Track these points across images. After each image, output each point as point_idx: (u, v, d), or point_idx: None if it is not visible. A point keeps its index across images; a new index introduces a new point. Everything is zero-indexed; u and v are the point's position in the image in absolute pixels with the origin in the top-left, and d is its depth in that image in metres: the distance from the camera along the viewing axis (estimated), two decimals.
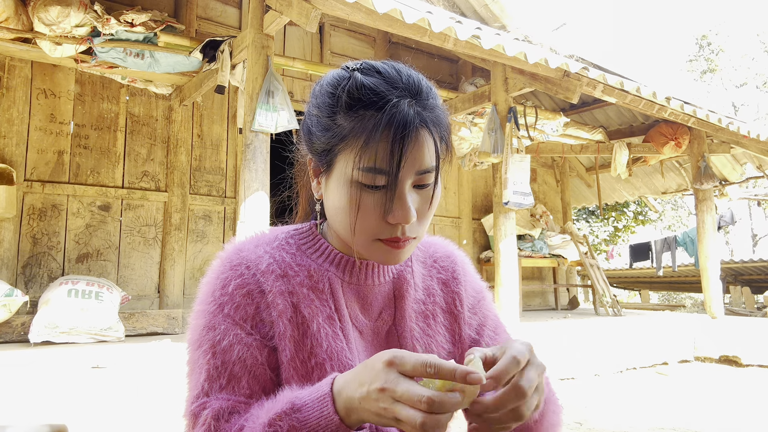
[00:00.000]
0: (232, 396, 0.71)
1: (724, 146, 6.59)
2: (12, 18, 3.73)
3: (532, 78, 4.72)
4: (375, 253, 0.76)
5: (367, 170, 0.70)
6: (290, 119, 3.61)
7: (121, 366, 2.83)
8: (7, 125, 4.37)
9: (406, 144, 0.69)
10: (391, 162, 0.69)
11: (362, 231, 0.74)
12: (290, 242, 0.84)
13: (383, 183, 0.71)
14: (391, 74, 0.73)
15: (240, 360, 0.73)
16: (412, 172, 0.72)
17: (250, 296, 0.76)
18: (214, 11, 5.49)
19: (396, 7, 3.20)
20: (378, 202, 0.72)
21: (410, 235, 0.74)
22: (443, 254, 0.95)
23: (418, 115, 0.71)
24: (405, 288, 0.87)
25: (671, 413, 3.56)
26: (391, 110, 0.69)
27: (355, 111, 0.72)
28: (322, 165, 0.77)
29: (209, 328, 0.75)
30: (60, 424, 0.47)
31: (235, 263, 0.79)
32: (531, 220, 7.29)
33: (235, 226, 4.86)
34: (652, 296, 15.72)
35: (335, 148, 0.74)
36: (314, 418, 0.61)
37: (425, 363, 0.56)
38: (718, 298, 6.10)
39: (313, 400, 0.63)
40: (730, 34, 20.53)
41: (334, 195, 0.75)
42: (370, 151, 0.70)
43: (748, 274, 10.88)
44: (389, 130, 0.69)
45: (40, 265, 4.46)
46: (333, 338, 0.77)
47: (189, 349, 0.78)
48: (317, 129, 0.77)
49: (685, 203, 18.04)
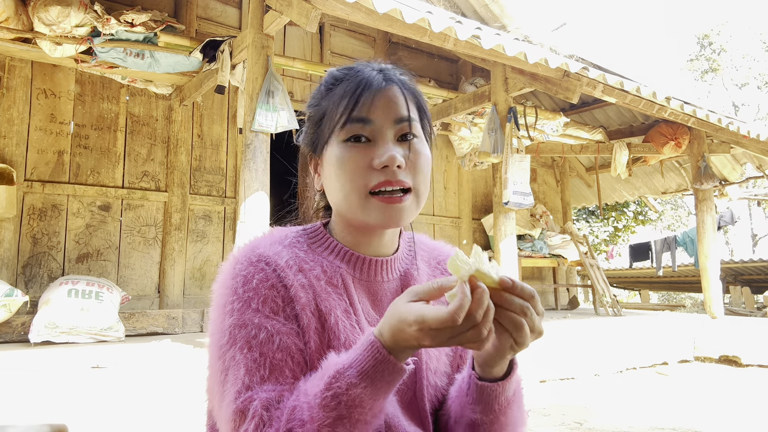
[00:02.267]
0: (276, 386, 0.70)
1: (724, 146, 6.59)
2: (12, 18, 3.73)
3: (532, 78, 4.72)
4: (372, 212, 0.78)
5: (342, 124, 0.78)
6: (290, 119, 3.61)
7: (121, 366, 2.83)
8: (7, 125, 4.37)
9: (369, 92, 0.78)
10: (355, 106, 0.77)
11: (354, 188, 0.77)
12: (301, 240, 0.85)
13: (363, 132, 0.78)
14: (361, 64, 0.85)
15: (280, 348, 0.72)
16: (389, 121, 0.79)
17: (275, 289, 0.76)
18: (214, 11, 5.49)
19: (396, 7, 3.20)
20: (362, 152, 0.78)
21: (402, 179, 0.77)
22: (446, 258, 0.98)
23: (382, 74, 0.81)
24: (412, 285, 0.88)
25: (671, 413, 3.56)
26: (358, 76, 0.81)
27: (330, 90, 0.83)
28: (317, 152, 0.84)
29: (240, 326, 0.73)
30: (60, 424, 0.47)
31: (254, 260, 0.78)
32: (531, 220, 7.29)
33: (235, 226, 4.86)
34: (652, 296, 15.72)
35: (321, 128, 0.83)
36: (370, 365, 0.63)
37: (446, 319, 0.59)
38: (718, 298, 6.10)
39: (362, 352, 0.64)
40: (731, 34, 20.52)
41: (328, 171, 0.81)
42: (342, 107, 0.78)
43: (748, 274, 10.89)
44: (354, 86, 0.79)
45: (40, 265, 4.46)
46: (351, 331, 0.79)
47: (216, 353, 0.75)
48: (308, 123, 0.88)
49: (685, 203, 18.04)
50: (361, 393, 0.63)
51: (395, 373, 0.64)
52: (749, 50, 20.53)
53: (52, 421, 0.48)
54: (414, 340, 0.61)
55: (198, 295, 5.16)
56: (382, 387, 0.64)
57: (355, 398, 0.63)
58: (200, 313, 4.57)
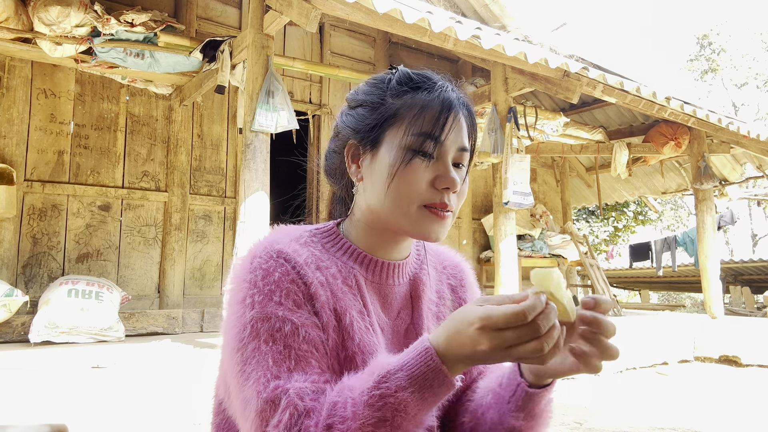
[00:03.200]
0: (306, 376, 0.68)
1: (724, 146, 6.58)
2: (12, 18, 3.73)
3: (532, 78, 4.72)
4: (420, 222, 0.79)
5: (417, 135, 0.79)
6: (290, 119, 3.61)
7: (121, 366, 2.83)
8: (7, 125, 4.37)
9: (452, 116, 0.81)
10: (439, 127, 0.79)
11: (408, 196, 0.78)
12: (314, 240, 0.85)
13: (431, 149, 0.79)
14: (429, 72, 0.86)
15: (306, 340, 0.71)
16: (455, 147, 0.81)
17: (296, 284, 0.76)
18: (214, 11, 5.49)
19: (396, 7, 3.20)
20: (426, 167, 0.79)
21: (452, 203, 0.81)
22: (452, 263, 1.01)
23: (459, 98, 0.84)
24: (421, 289, 0.91)
25: (671, 413, 3.56)
26: (439, 90, 0.82)
27: (405, 89, 0.83)
28: (368, 144, 0.83)
29: (263, 319, 0.71)
30: (60, 424, 0.47)
31: (274, 255, 0.77)
32: (531, 220, 7.29)
33: (235, 226, 4.86)
34: (652, 296, 15.72)
35: (384, 123, 0.82)
36: (421, 372, 0.62)
37: (513, 314, 0.58)
38: (718, 298, 6.10)
39: (415, 357, 0.63)
40: (731, 34, 20.51)
41: (381, 165, 0.81)
42: (421, 119, 0.79)
43: (748, 274, 10.89)
44: (439, 104, 0.80)
45: (40, 265, 4.46)
46: (365, 332, 0.79)
47: (236, 347, 0.71)
48: (364, 112, 0.85)
49: (685, 203, 18.04)
50: (408, 398, 0.61)
51: (444, 385, 0.62)
52: (749, 50, 20.53)
53: (52, 421, 0.48)
54: (470, 344, 0.60)
55: (198, 295, 5.16)
56: (429, 397, 0.62)
57: (401, 401, 0.61)
58: (200, 313, 4.57)
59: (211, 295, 5.23)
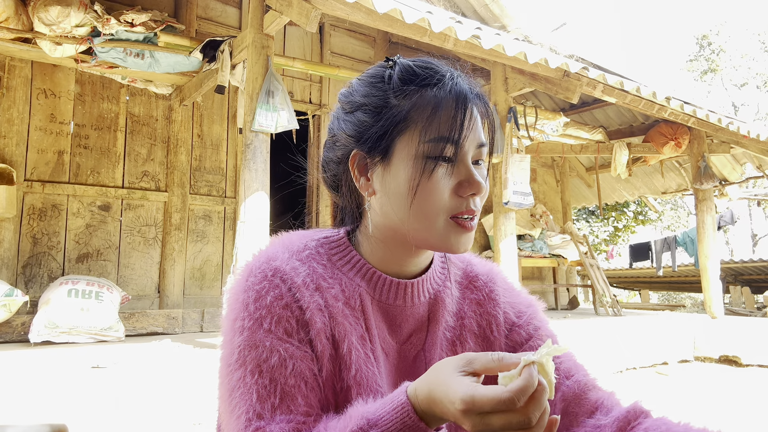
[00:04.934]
0: (289, 416, 0.65)
1: (724, 146, 6.59)
2: (12, 18, 3.73)
3: (532, 78, 4.72)
4: (448, 236, 0.72)
5: (434, 141, 0.70)
6: (290, 119, 3.61)
7: (121, 366, 2.83)
8: (7, 125, 4.37)
9: (468, 112, 0.72)
10: (458, 128, 0.71)
11: (434, 209, 0.71)
12: (321, 252, 0.79)
13: (451, 153, 0.71)
14: (432, 60, 0.77)
15: (293, 374, 0.68)
16: (473, 145, 0.74)
17: (290, 309, 0.71)
18: (214, 11, 5.49)
19: (396, 7, 3.20)
20: (447, 174, 0.71)
21: (478, 207, 0.74)
22: (481, 272, 0.90)
23: (471, 88, 0.75)
24: (441, 311, 0.83)
25: (671, 413, 3.56)
26: (449, 82, 0.73)
27: (412, 88, 0.73)
28: (377, 154, 0.74)
29: (251, 347, 0.68)
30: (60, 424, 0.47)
31: (270, 274, 0.73)
32: (531, 220, 7.29)
33: (235, 226, 4.86)
34: (652, 296, 15.72)
35: (393, 130, 0.73)
36: (396, 429, 0.58)
37: (502, 401, 0.52)
38: (718, 298, 6.10)
39: (390, 412, 0.59)
40: (730, 34, 20.53)
41: (398, 179, 0.72)
42: (436, 122, 0.71)
43: (748, 274, 10.88)
44: (452, 100, 0.72)
45: (40, 265, 4.46)
46: (364, 361, 0.74)
47: (226, 369, 0.71)
48: (366, 118, 0.76)
49: (685, 203, 18.04)
50: None
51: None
52: (748, 50, 20.55)
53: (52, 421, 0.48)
54: (452, 417, 0.55)
55: (198, 295, 5.16)
56: None
57: None
58: (200, 313, 4.57)
59: (211, 295, 5.23)
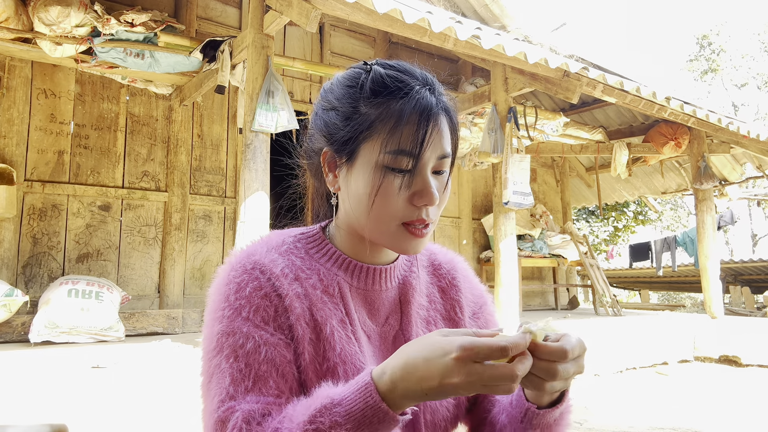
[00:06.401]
0: (260, 397, 0.69)
1: (724, 146, 6.59)
2: (12, 18, 3.73)
3: (532, 78, 4.72)
4: (398, 240, 0.77)
5: (394, 153, 0.73)
6: (290, 119, 3.61)
7: (121, 366, 2.83)
8: (7, 125, 4.37)
9: (430, 127, 0.74)
10: (417, 144, 0.73)
11: (387, 215, 0.75)
12: (298, 246, 0.83)
13: (408, 166, 0.74)
14: (406, 68, 0.79)
15: (267, 360, 0.71)
16: (434, 157, 0.76)
17: (268, 298, 0.75)
18: (214, 11, 5.50)
19: (396, 7, 3.20)
20: (403, 184, 0.75)
21: (431, 217, 0.77)
22: (443, 261, 0.97)
23: (438, 101, 0.77)
24: (411, 293, 0.88)
25: (671, 413, 3.56)
26: (416, 96, 0.75)
27: (380, 99, 0.76)
28: (343, 155, 0.78)
29: (228, 334, 0.72)
30: (60, 424, 0.47)
31: (249, 267, 0.77)
32: (531, 220, 7.29)
33: (235, 226, 4.86)
34: (651, 296, 15.73)
35: (359, 136, 0.76)
36: (358, 408, 0.60)
37: (498, 348, 0.57)
38: (718, 298, 6.10)
39: (354, 392, 0.61)
40: (731, 34, 20.53)
41: (358, 183, 0.76)
42: (397, 135, 0.73)
43: (748, 274, 10.89)
44: (416, 115, 0.74)
45: (41, 265, 4.46)
46: (346, 342, 0.77)
47: (205, 359, 0.75)
48: (337, 120, 0.79)
49: (685, 203, 18.04)
50: None
51: (386, 422, 0.60)
52: (748, 50, 20.55)
53: (52, 421, 0.48)
54: (437, 377, 0.58)
55: (198, 295, 5.16)
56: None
57: None
58: (200, 313, 4.57)
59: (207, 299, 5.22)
